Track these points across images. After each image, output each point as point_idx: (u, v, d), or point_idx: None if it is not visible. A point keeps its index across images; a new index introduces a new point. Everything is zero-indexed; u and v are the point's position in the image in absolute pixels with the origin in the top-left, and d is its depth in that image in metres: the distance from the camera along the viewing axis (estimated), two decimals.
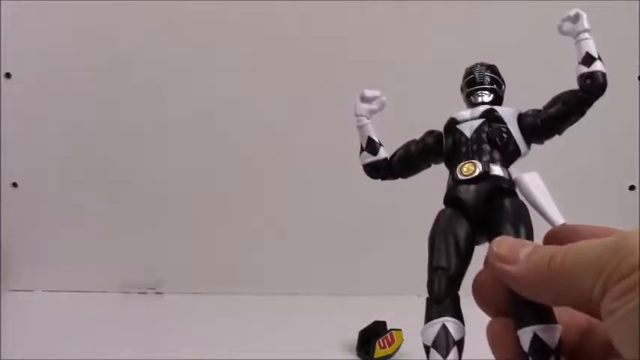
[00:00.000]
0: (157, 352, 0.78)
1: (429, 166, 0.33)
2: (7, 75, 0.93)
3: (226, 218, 0.98)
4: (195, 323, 0.88)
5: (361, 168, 0.36)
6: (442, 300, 0.27)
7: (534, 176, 0.28)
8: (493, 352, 0.26)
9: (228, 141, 0.95)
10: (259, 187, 0.97)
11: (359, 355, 0.80)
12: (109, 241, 0.98)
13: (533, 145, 0.31)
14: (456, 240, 0.28)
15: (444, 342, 0.26)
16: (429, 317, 0.27)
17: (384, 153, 0.34)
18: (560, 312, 0.25)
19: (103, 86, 0.93)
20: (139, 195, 0.97)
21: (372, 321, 0.80)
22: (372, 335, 0.79)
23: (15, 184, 0.97)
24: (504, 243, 0.25)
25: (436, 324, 0.26)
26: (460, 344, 0.26)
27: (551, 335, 0.24)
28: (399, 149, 0.34)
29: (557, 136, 0.31)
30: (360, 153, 0.34)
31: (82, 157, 0.96)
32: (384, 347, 0.78)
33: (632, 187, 0.95)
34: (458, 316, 0.27)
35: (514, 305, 0.25)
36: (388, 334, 0.79)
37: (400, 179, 0.35)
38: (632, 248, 0.20)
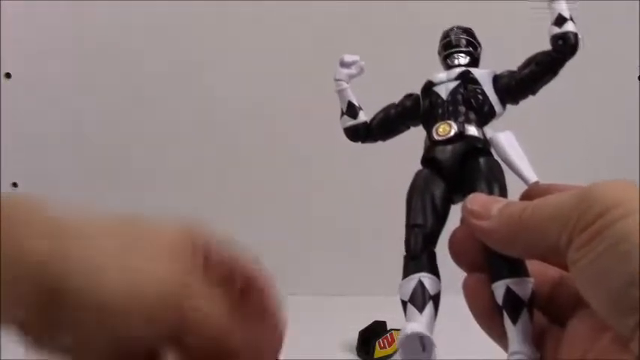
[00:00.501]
0: None
1: (408, 128, 0.34)
2: (7, 75, 0.93)
3: (226, 218, 0.98)
4: None
5: (362, 168, 0.36)
6: (418, 256, 0.28)
7: (509, 136, 0.29)
8: (469, 306, 0.27)
9: (228, 141, 0.95)
10: (259, 187, 0.97)
11: (359, 355, 0.80)
12: None
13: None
14: (432, 199, 0.29)
15: (420, 297, 0.27)
16: (405, 273, 0.28)
17: (363, 116, 0.34)
18: (533, 265, 0.26)
19: (103, 86, 0.93)
20: (139, 195, 0.97)
21: (372, 321, 0.80)
22: (372, 335, 0.79)
23: (15, 184, 0.97)
24: (478, 199, 0.26)
25: (412, 279, 0.27)
26: (436, 299, 0.27)
27: (524, 288, 0.25)
28: (378, 113, 0.35)
29: (557, 136, 0.31)
30: (341, 117, 0.35)
31: (82, 157, 0.96)
32: (384, 347, 0.78)
33: None
34: (434, 271, 0.27)
35: (488, 260, 0.26)
36: (388, 334, 0.79)
37: (380, 142, 0.35)
38: (595, 198, 0.21)
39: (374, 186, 0.93)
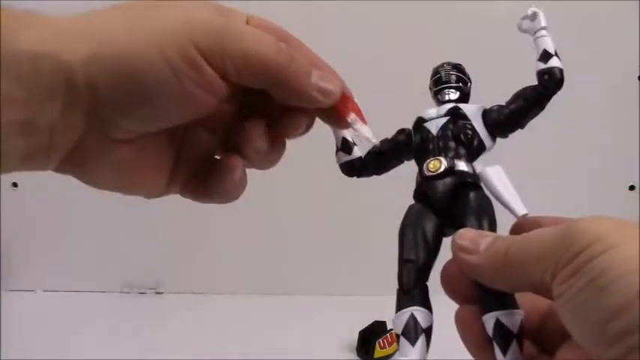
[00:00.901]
0: (156, 352, 0.78)
1: (402, 162, 0.35)
2: None
3: (226, 218, 0.98)
4: (195, 323, 0.88)
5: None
6: (410, 290, 0.28)
7: (497, 170, 0.30)
8: (461, 338, 0.27)
9: None
10: (259, 187, 0.97)
11: (359, 355, 0.80)
12: (109, 241, 0.98)
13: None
14: (423, 233, 0.29)
15: (412, 330, 0.27)
16: (398, 307, 0.28)
17: (358, 152, 0.35)
18: (522, 297, 0.27)
19: None
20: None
21: (372, 321, 0.80)
22: (372, 335, 0.79)
23: (15, 184, 0.97)
24: (466, 235, 0.26)
25: (405, 313, 0.28)
26: (428, 332, 0.28)
27: (513, 320, 0.26)
28: (372, 148, 0.36)
29: (557, 136, 0.31)
30: (336, 153, 0.37)
31: None
32: (384, 347, 0.78)
33: (632, 187, 0.95)
34: (426, 305, 0.28)
35: (478, 293, 0.26)
36: (388, 334, 0.79)
37: (375, 176, 0.37)
38: (577, 234, 0.21)
39: (374, 186, 0.93)
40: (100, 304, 0.95)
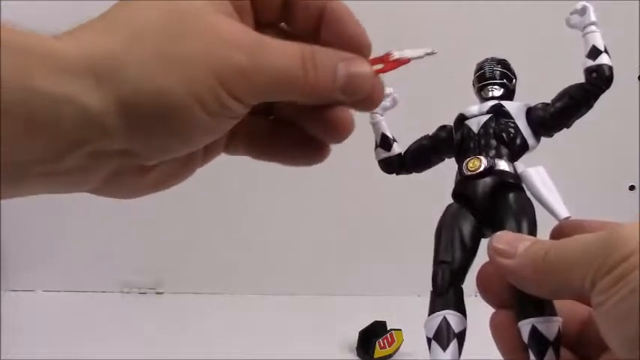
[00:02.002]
0: (156, 352, 0.78)
1: (442, 160, 0.33)
2: None
3: (226, 218, 0.98)
4: (195, 323, 0.88)
5: (361, 167, 0.36)
6: (444, 293, 0.28)
7: (540, 171, 0.29)
8: (496, 343, 0.27)
9: None
10: (259, 187, 0.97)
11: (359, 355, 0.80)
12: (109, 241, 0.98)
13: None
14: (460, 234, 0.28)
15: (444, 335, 0.26)
16: (431, 310, 0.28)
17: (397, 149, 0.34)
18: (562, 303, 0.26)
19: None
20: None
21: (372, 321, 0.80)
22: (372, 335, 0.79)
23: None
24: (504, 238, 0.25)
25: (438, 317, 0.27)
26: (460, 337, 0.27)
27: (550, 327, 0.25)
28: (412, 144, 0.35)
29: (557, 136, 0.31)
30: (375, 149, 0.35)
31: None
32: (384, 347, 0.78)
33: (632, 187, 0.95)
34: (460, 309, 0.27)
35: (515, 298, 0.25)
36: (388, 334, 0.79)
37: (415, 174, 0.36)
38: (621, 241, 0.20)
39: (376, 186, 0.93)
40: (100, 304, 0.95)
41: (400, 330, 0.79)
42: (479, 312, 0.27)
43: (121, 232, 0.98)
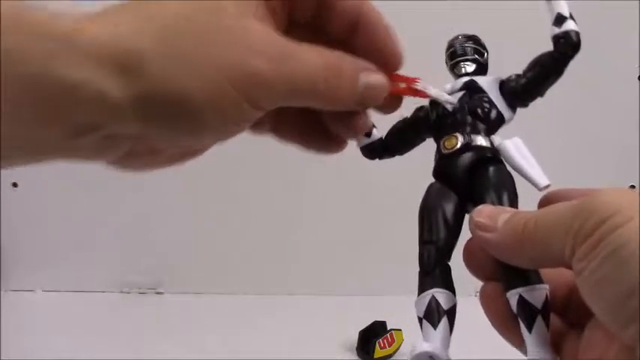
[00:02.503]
0: (156, 352, 0.78)
1: (423, 139, 0.34)
2: None
3: (227, 218, 0.98)
4: (195, 323, 0.88)
5: (361, 168, 0.36)
6: (431, 272, 0.28)
7: (517, 142, 0.29)
8: (487, 315, 0.27)
9: (229, 140, 0.95)
10: (260, 187, 0.97)
11: (359, 355, 0.80)
12: (109, 241, 0.98)
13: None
14: (443, 213, 0.29)
15: (434, 313, 0.27)
16: (420, 290, 0.28)
17: (377, 134, 0.34)
18: (549, 270, 0.26)
19: None
20: (139, 195, 0.97)
21: (372, 321, 0.80)
22: (372, 335, 0.79)
23: (15, 184, 0.97)
24: (483, 211, 0.26)
25: (426, 296, 0.28)
26: (450, 313, 0.27)
27: (536, 296, 0.25)
28: (391, 128, 0.35)
29: (557, 137, 0.31)
30: None
31: None
32: (384, 347, 0.78)
33: (632, 187, 0.95)
34: (448, 286, 0.28)
35: (500, 269, 0.26)
36: (388, 334, 0.79)
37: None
38: (595, 207, 0.20)
39: (375, 186, 0.93)
40: (100, 304, 0.95)
41: (400, 330, 0.79)
42: (479, 312, 0.27)
43: (121, 232, 0.98)
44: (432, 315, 0.27)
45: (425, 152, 0.32)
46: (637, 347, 0.19)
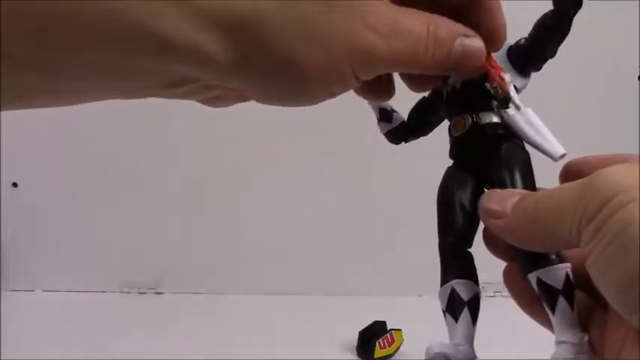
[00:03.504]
0: (156, 352, 0.78)
1: (443, 118, 0.32)
2: None
3: (227, 218, 0.98)
4: (195, 323, 0.88)
5: (360, 168, 0.36)
6: (450, 262, 0.27)
7: (526, 113, 0.27)
8: (512, 296, 0.27)
9: (228, 140, 0.95)
10: (259, 187, 0.97)
11: (359, 355, 0.80)
12: (109, 241, 0.98)
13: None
14: (460, 199, 0.28)
15: (454, 305, 0.26)
16: (442, 281, 0.27)
17: (399, 118, 0.34)
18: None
19: None
20: (139, 195, 0.97)
21: (372, 321, 0.80)
22: (372, 335, 0.79)
23: (15, 184, 0.97)
24: (492, 197, 0.25)
25: (447, 288, 0.27)
26: (472, 303, 0.26)
27: (556, 275, 0.24)
28: (411, 110, 0.34)
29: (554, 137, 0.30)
30: (378, 124, 0.34)
31: (82, 157, 0.96)
32: (384, 347, 0.78)
33: None
34: (468, 275, 0.27)
35: (518, 252, 0.25)
36: (388, 334, 0.79)
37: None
38: (597, 187, 0.20)
39: (375, 187, 0.93)
40: (100, 304, 0.95)
41: (400, 330, 0.79)
42: (484, 312, 0.27)
43: (121, 232, 0.98)
44: (453, 308, 0.26)
45: (426, 155, 0.32)
46: None
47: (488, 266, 0.29)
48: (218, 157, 0.96)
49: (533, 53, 0.29)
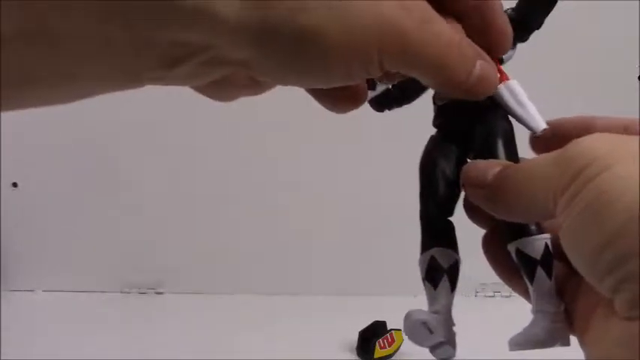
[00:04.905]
0: (156, 352, 0.78)
1: (427, 88, 0.32)
2: None
3: (226, 218, 0.98)
4: (195, 323, 0.88)
5: (360, 168, 0.36)
6: (430, 230, 0.28)
7: (510, 85, 0.27)
8: (491, 266, 0.27)
9: (230, 140, 0.95)
10: (260, 187, 0.97)
11: (359, 355, 0.80)
12: (109, 241, 0.98)
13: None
14: (442, 168, 0.28)
15: (433, 273, 0.27)
16: (421, 249, 0.28)
17: (382, 86, 0.34)
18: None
19: None
20: (139, 195, 0.97)
21: (372, 321, 0.80)
22: (372, 335, 0.79)
23: (15, 184, 0.97)
24: (474, 167, 0.25)
25: (426, 256, 0.27)
26: (451, 271, 0.27)
27: (534, 247, 0.25)
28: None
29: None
30: None
31: (82, 157, 0.96)
32: (384, 347, 0.78)
33: None
34: (447, 243, 0.27)
35: (497, 223, 0.25)
36: (388, 334, 0.79)
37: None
38: (573, 156, 0.20)
39: (374, 187, 0.93)
40: (100, 304, 0.95)
41: (400, 330, 0.79)
42: (479, 312, 0.27)
43: (121, 232, 0.98)
44: (431, 276, 0.27)
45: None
46: (616, 299, 0.18)
47: (488, 266, 0.29)
48: (218, 157, 0.96)
49: (519, 24, 0.28)
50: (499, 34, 0.25)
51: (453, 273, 0.27)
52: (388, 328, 0.79)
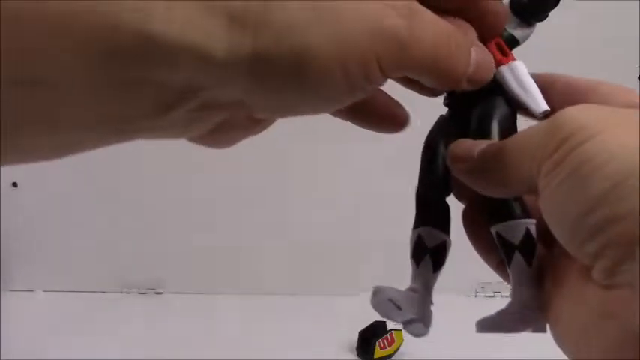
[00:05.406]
0: (156, 352, 0.78)
1: None
2: None
3: (226, 218, 0.98)
4: (195, 323, 0.88)
5: (360, 168, 0.36)
6: (422, 209, 0.28)
7: (514, 67, 0.27)
8: (470, 242, 0.27)
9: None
10: (259, 187, 0.97)
11: (359, 355, 0.80)
12: (109, 241, 0.98)
13: None
14: (442, 150, 0.28)
15: (418, 252, 0.27)
16: (413, 227, 0.28)
17: None
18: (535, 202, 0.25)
19: None
20: (139, 195, 0.97)
21: (372, 321, 0.80)
22: (372, 335, 0.79)
23: (15, 184, 0.97)
24: (461, 144, 0.25)
25: (414, 234, 0.27)
26: (436, 250, 0.27)
27: (514, 232, 0.25)
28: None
29: None
30: None
31: (82, 157, 0.96)
32: (384, 347, 0.78)
33: None
34: (436, 223, 0.27)
35: (482, 203, 0.25)
36: (388, 334, 0.79)
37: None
38: (561, 124, 0.20)
39: (374, 186, 0.93)
40: (100, 304, 0.95)
41: (400, 330, 0.79)
42: (479, 312, 0.27)
43: (121, 232, 0.98)
44: (416, 254, 0.27)
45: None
46: (596, 266, 0.18)
47: (489, 266, 0.29)
48: (218, 157, 0.96)
49: (534, 2, 0.28)
50: (491, 15, 0.25)
51: (438, 253, 0.27)
52: (388, 328, 0.79)
